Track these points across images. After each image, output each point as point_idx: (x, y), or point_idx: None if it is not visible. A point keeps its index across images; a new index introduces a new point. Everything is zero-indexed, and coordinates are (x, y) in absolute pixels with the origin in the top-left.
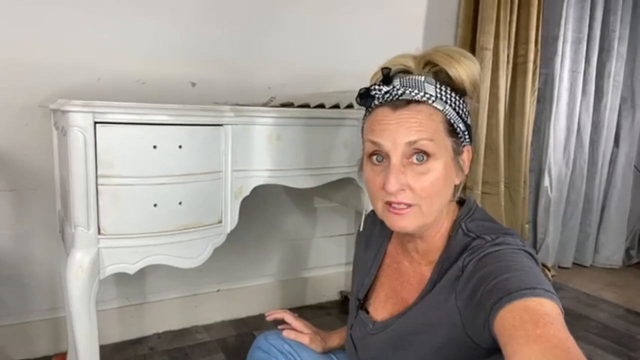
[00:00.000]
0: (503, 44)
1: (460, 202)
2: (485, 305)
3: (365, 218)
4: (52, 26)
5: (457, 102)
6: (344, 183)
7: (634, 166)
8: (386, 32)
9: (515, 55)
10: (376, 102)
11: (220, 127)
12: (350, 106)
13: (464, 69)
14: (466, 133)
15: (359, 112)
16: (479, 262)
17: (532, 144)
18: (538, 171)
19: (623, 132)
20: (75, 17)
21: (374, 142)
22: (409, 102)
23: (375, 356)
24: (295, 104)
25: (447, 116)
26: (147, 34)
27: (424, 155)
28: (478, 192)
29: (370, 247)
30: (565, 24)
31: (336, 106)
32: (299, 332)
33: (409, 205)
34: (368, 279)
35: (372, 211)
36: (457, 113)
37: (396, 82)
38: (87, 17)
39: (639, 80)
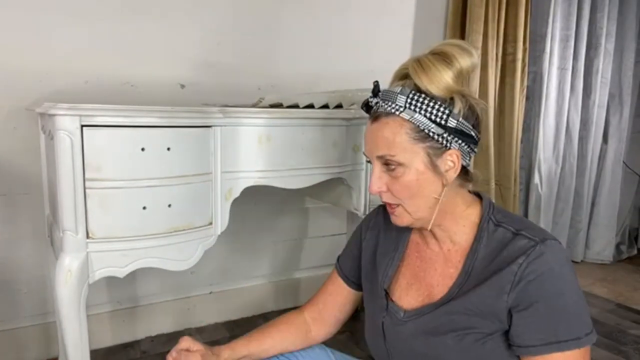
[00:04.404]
0: (492, 43)
1: (477, 195)
2: (531, 333)
3: (377, 211)
4: (38, 29)
5: (431, 109)
6: (335, 183)
7: (623, 162)
8: (375, 31)
9: (504, 54)
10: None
11: (209, 129)
12: (339, 106)
13: (429, 79)
14: (446, 136)
15: (347, 112)
16: (539, 277)
17: (521, 142)
18: (528, 168)
19: (611, 129)
20: (62, 21)
21: (363, 152)
22: (379, 116)
23: (406, 344)
24: (285, 105)
25: (415, 124)
26: (134, 36)
27: (394, 163)
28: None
29: (389, 239)
30: (553, 21)
31: (325, 106)
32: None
33: (395, 205)
34: (391, 269)
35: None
36: (430, 119)
37: (380, 94)
38: (73, 21)
39: (626, 76)
